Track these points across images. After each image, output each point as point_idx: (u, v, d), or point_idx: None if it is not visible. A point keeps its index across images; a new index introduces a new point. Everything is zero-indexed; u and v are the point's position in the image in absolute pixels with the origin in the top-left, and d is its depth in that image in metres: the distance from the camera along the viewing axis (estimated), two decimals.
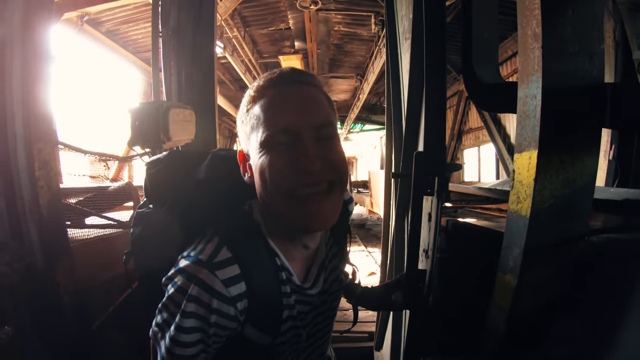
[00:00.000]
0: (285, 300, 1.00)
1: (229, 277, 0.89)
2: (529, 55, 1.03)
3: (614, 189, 2.85)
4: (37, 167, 1.65)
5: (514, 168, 1.09)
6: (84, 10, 6.64)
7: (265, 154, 0.90)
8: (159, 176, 1.16)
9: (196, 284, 0.87)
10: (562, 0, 0.99)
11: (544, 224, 1.01)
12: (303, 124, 0.89)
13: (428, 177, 1.58)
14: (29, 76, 1.66)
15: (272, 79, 0.95)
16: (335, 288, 1.20)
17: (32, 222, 1.63)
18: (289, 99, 0.92)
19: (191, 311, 0.87)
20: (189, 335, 0.88)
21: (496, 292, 1.15)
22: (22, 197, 1.61)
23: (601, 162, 4.25)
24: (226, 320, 0.90)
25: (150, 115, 3.03)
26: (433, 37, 1.69)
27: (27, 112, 1.63)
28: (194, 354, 0.89)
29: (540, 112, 0.98)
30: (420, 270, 1.62)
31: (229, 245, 0.92)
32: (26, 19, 1.67)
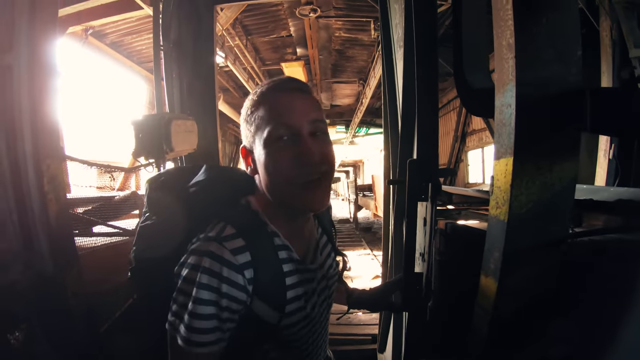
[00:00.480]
0: (289, 280, 1.09)
1: (236, 247, 0.99)
2: (503, 65, 1.07)
3: (614, 188, 2.85)
4: (46, 182, 1.71)
5: (492, 175, 1.13)
6: (88, 24, 6.71)
7: (271, 149, 1.04)
8: (161, 189, 1.24)
9: (208, 256, 0.97)
10: (536, 10, 1.02)
11: (522, 228, 1.05)
12: (301, 121, 1.04)
13: (422, 184, 1.62)
14: (36, 95, 1.71)
15: (273, 86, 1.10)
16: (332, 273, 1.32)
17: (42, 233, 1.70)
18: (290, 102, 1.06)
19: (205, 283, 0.96)
20: (204, 307, 0.96)
21: (479, 295, 1.19)
22: (32, 210, 1.68)
23: (601, 161, 4.24)
24: (235, 290, 0.98)
25: (152, 127, 3.10)
26: (424, 46, 1.73)
27: (35, 130, 1.68)
28: (209, 327, 0.97)
29: (515, 120, 1.01)
30: (416, 274, 1.65)
31: (233, 225, 1.03)
32: (31, 38, 1.72)
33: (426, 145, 1.67)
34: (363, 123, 17.25)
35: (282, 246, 1.10)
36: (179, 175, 1.29)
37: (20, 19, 1.66)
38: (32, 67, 1.67)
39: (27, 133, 1.63)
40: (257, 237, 1.05)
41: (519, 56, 1.01)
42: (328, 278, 1.29)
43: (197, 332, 0.96)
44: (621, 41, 3.94)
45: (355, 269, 7.83)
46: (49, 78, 1.78)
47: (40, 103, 1.69)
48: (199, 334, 0.96)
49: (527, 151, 1.02)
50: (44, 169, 1.68)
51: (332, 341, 4.16)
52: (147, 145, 3.12)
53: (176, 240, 1.11)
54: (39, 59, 1.71)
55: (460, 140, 11.58)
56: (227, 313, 0.99)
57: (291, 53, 10.33)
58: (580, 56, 1.05)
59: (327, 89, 13.47)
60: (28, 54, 1.67)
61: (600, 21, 4.26)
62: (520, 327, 1.11)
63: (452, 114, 12.09)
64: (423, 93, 1.71)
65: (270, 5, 7.64)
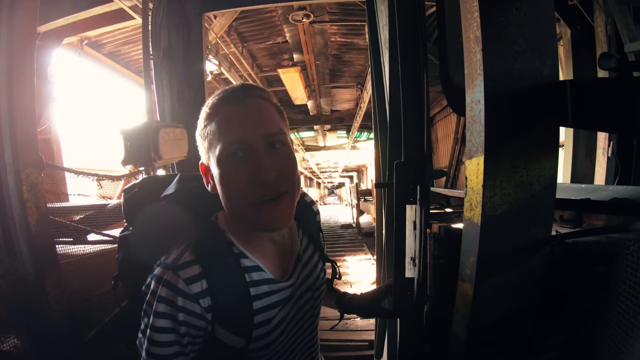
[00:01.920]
0: (258, 303, 1.04)
1: (190, 276, 0.95)
2: (471, 59, 1.02)
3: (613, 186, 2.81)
4: (25, 190, 1.76)
5: (466, 175, 1.09)
6: (84, 35, 6.73)
7: (224, 168, 0.97)
8: (134, 200, 1.23)
9: (164, 285, 0.95)
10: None
11: (498, 231, 1.01)
12: (255, 135, 0.97)
13: (409, 186, 1.59)
14: (15, 105, 1.73)
15: (224, 97, 1.02)
16: (317, 285, 1.26)
17: (23, 239, 1.76)
18: (241, 114, 0.98)
19: (161, 311, 0.94)
20: (162, 335, 0.94)
21: (457, 300, 1.15)
22: (13, 218, 1.73)
23: (600, 159, 4.21)
24: (194, 319, 0.95)
25: (140, 136, 3.11)
26: (407, 45, 1.69)
27: (14, 142, 1.72)
28: (169, 354, 0.95)
29: (484, 116, 0.97)
30: (407, 279, 1.62)
31: (192, 250, 0.99)
32: (9, 49, 1.73)
33: (413, 147, 1.63)
34: (363, 128, 17.22)
35: (252, 267, 1.05)
36: (153, 186, 1.25)
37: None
38: (10, 78, 1.68)
39: (7, 142, 1.65)
40: (219, 261, 1.01)
41: (487, 48, 0.97)
42: (313, 290, 1.24)
43: (156, 358, 0.95)
44: (616, 36, 3.91)
45: (356, 274, 7.80)
46: (27, 88, 1.78)
47: (19, 113, 1.70)
48: (157, 354, 0.95)
49: (500, 149, 0.98)
50: (23, 178, 1.72)
51: (329, 347, 4.17)
52: (135, 154, 3.13)
53: (151, 252, 1.06)
54: (17, 70, 1.72)
55: (460, 142, 11.53)
56: (187, 338, 0.96)
57: (288, 59, 10.31)
58: (556, 47, 1.01)
59: (327, 95, 13.44)
60: (6, 65, 1.68)
61: (594, 17, 4.24)
62: (501, 333, 1.07)
63: (452, 117, 12.04)
64: (409, 94, 1.67)
65: (265, 11, 7.63)
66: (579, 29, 4.56)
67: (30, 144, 1.82)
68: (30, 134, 1.82)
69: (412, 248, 1.72)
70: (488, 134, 0.97)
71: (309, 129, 18.80)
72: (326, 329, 4.52)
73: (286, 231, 1.18)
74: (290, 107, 14.23)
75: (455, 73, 1.64)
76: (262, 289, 1.05)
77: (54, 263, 1.91)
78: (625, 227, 1.25)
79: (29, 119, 1.82)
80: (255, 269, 1.05)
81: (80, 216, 3.49)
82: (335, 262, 1.43)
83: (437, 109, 12.56)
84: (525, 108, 0.99)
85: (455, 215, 2.46)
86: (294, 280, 1.14)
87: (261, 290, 1.05)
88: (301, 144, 21.32)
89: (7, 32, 1.76)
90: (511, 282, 1.04)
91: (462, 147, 11.56)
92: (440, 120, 12.82)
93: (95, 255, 3.12)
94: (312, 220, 1.34)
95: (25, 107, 1.80)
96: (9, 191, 1.71)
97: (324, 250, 1.37)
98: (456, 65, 1.66)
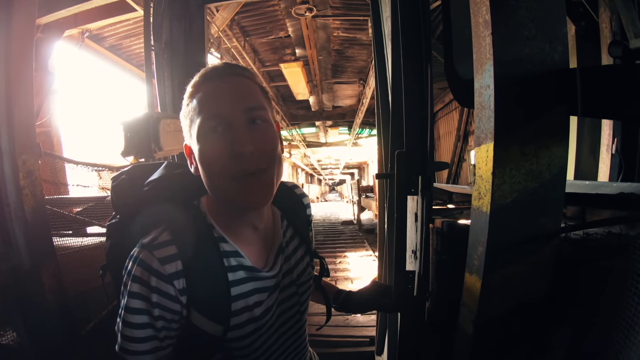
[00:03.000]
0: (236, 289, 1.02)
1: (165, 256, 0.93)
2: (480, 43, 0.99)
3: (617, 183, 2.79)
4: (22, 177, 1.74)
5: (474, 162, 1.06)
6: (85, 27, 6.71)
7: (203, 143, 0.96)
8: (121, 187, 1.19)
9: (138, 265, 0.93)
10: None
11: (507, 221, 0.98)
12: (233, 109, 0.95)
13: (411, 177, 1.56)
14: (12, 93, 1.71)
15: (206, 74, 1.00)
16: (303, 280, 1.23)
17: (18, 227, 1.74)
18: (221, 89, 0.97)
19: (135, 291, 0.92)
20: (135, 316, 0.93)
21: (464, 293, 1.12)
22: (8, 205, 1.71)
23: (604, 156, 4.19)
24: (167, 301, 0.93)
25: (141, 127, 3.09)
26: (410, 35, 1.67)
27: (11, 128, 1.70)
28: (142, 336, 0.93)
29: (494, 102, 0.94)
30: (407, 272, 1.59)
31: (171, 231, 0.98)
32: (7, 38, 1.71)
33: (415, 137, 1.60)
34: (365, 124, 17.22)
35: (231, 252, 1.03)
36: (140, 173, 1.22)
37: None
38: (7, 67, 1.66)
39: (3, 128, 1.63)
40: (197, 244, 0.98)
41: (497, 32, 0.94)
42: (298, 285, 1.21)
43: (131, 341, 0.93)
44: (621, 32, 3.89)
45: (357, 270, 7.79)
46: (25, 76, 1.77)
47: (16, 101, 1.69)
48: (132, 343, 0.93)
49: (510, 135, 0.95)
50: (19, 165, 1.70)
51: (329, 343, 4.15)
52: (135, 145, 3.11)
53: (136, 239, 1.02)
54: (15, 59, 1.70)
55: (462, 139, 11.51)
56: (161, 322, 0.94)
57: (290, 54, 10.29)
58: (566, 33, 0.98)
59: (329, 90, 13.42)
60: (4, 51, 1.66)
61: (599, 13, 4.22)
62: (509, 328, 1.04)
63: (454, 113, 12.03)
64: (411, 84, 1.65)
65: (267, 5, 7.61)
66: (583, 25, 4.53)
67: (27, 130, 1.80)
68: (28, 120, 1.81)
69: (413, 241, 1.69)
70: (498, 120, 0.94)
71: (310, 125, 18.82)
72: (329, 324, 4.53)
73: (269, 220, 1.16)
74: (292, 103, 14.24)
75: (460, 65, 1.62)
76: (239, 274, 1.03)
77: (50, 252, 1.89)
78: (633, 220, 1.23)
79: (26, 105, 1.81)
80: (234, 254, 1.03)
81: (79, 208, 3.47)
82: (324, 259, 1.40)
83: (440, 106, 12.55)
84: (535, 94, 0.96)
85: (458, 211, 2.44)
86: (276, 272, 1.11)
87: (239, 276, 1.03)
88: (302, 140, 21.33)
89: (5, 17, 1.73)
90: (520, 275, 1.01)
91: (464, 144, 11.55)
92: (442, 117, 12.81)
93: (93, 247, 3.09)
94: (301, 214, 1.31)
95: (23, 93, 1.79)
96: (4, 178, 1.70)
97: (312, 245, 1.34)
98: (461, 57, 1.64)
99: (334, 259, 8.92)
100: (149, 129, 3.09)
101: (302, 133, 20.54)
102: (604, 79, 1.10)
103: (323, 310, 1.51)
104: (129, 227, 1.10)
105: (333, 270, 7.87)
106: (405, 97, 1.65)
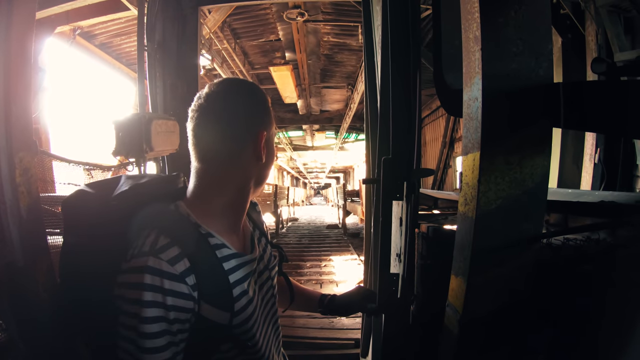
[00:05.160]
0: (233, 277, 1.08)
1: (172, 257, 0.96)
2: (470, 58, 1.05)
3: (599, 192, 2.85)
4: (18, 174, 1.72)
5: (461, 170, 1.11)
6: (77, 24, 6.68)
7: (273, 147, 1.20)
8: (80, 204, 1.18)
9: (147, 272, 0.93)
10: (504, 2, 1.00)
11: (492, 226, 1.03)
12: None
13: (396, 183, 1.61)
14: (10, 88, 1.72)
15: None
16: (271, 265, 1.34)
17: (13, 224, 1.71)
18: None
19: (149, 300, 0.92)
20: (153, 325, 0.92)
21: (449, 294, 1.17)
22: (4, 202, 1.70)
23: (587, 165, 4.27)
24: (182, 300, 0.95)
25: (133, 126, 3.10)
26: (398, 46, 1.72)
27: (8, 124, 1.70)
28: (162, 345, 0.94)
29: (481, 113, 0.99)
30: (391, 274, 1.63)
31: (166, 234, 1.00)
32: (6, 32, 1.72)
33: (401, 143, 1.65)
34: (352, 129, 17.30)
35: (219, 244, 1.08)
36: (98, 190, 1.20)
37: None
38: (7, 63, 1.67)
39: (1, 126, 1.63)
40: (192, 241, 1.03)
41: (486, 48, 0.99)
42: (270, 269, 1.31)
43: (152, 352, 0.93)
44: (607, 46, 3.99)
45: (342, 274, 7.80)
46: (22, 72, 1.77)
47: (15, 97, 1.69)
48: (153, 354, 0.93)
49: (495, 145, 1.00)
50: (16, 162, 1.70)
51: (315, 345, 4.17)
52: (127, 144, 3.12)
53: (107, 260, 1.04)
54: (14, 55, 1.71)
55: (448, 146, 11.63)
56: (177, 325, 0.96)
57: (280, 57, 10.33)
58: (551, 50, 1.03)
59: (317, 94, 13.47)
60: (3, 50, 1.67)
61: (585, 26, 4.31)
62: (492, 328, 1.09)
63: (441, 120, 12.14)
64: (398, 91, 1.70)
65: (259, 8, 7.65)
66: (570, 37, 4.63)
67: (24, 127, 1.79)
68: (25, 117, 1.80)
69: (397, 244, 1.74)
70: (484, 131, 0.99)
71: (297, 128, 18.84)
72: (315, 327, 4.57)
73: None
74: (280, 106, 14.24)
75: (449, 74, 1.67)
76: (231, 263, 1.09)
77: (44, 250, 1.88)
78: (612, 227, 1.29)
79: (24, 103, 1.80)
80: (222, 246, 1.09)
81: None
82: (281, 248, 1.45)
83: (427, 112, 12.65)
84: (520, 107, 1.01)
85: (443, 217, 2.48)
86: (256, 255, 1.21)
87: (232, 264, 1.09)
88: (289, 143, 21.33)
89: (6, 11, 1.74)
90: (503, 277, 1.06)
91: (450, 151, 11.66)
92: (429, 124, 12.92)
93: None
94: (255, 209, 1.42)
95: (21, 90, 1.78)
96: (1, 175, 1.69)
97: (269, 237, 1.43)
98: (450, 66, 1.69)
99: (319, 262, 8.91)
100: (140, 128, 3.10)
101: (288, 136, 20.56)
102: (585, 93, 1.16)
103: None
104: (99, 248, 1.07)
105: (318, 273, 7.88)
106: (392, 105, 1.70)
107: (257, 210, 1.43)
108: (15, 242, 1.69)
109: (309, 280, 7.23)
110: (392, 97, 1.70)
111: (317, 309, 1.56)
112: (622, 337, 0.96)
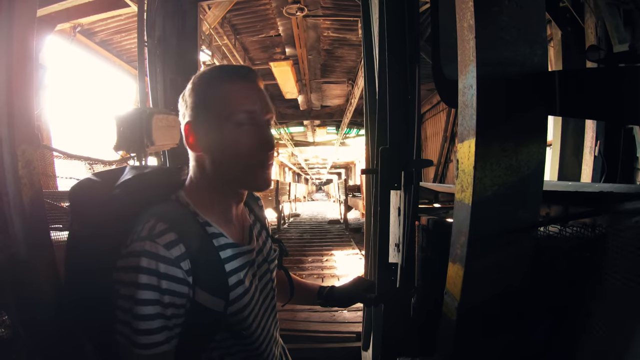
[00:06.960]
0: (229, 265, 1.11)
1: (168, 242, 0.99)
2: (465, 46, 1.05)
3: (599, 184, 2.84)
4: (21, 166, 1.73)
5: (457, 158, 1.12)
6: (77, 22, 6.68)
7: (232, 132, 1.08)
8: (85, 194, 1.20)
9: (144, 256, 0.97)
10: None
11: (488, 212, 1.03)
12: (264, 113, 1.12)
13: (394, 172, 1.62)
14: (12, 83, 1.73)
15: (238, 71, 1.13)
16: (270, 258, 1.35)
17: (16, 216, 1.71)
18: (251, 90, 1.12)
19: (145, 282, 0.95)
20: (147, 307, 0.95)
21: (447, 282, 1.17)
22: (7, 194, 1.69)
23: (587, 158, 4.27)
24: (176, 285, 0.98)
25: (134, 121, 3.12)
26: (396, 39, 1.73)
27: (11, 117, 1.70)
28: (156, 327, 0.96)
29: (476, 101, 1.00)
30: (390, 264, 1.65)
31: (164, 220, 1.03)
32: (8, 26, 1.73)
33: (398, 134, 1.67)
34: (353, 124, 17.26)
35: (217, 234, 1.12)
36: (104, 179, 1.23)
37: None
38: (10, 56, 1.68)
39: (3, 117, 1.64)
40: (190, 228, 1.06)
41: (480, 36, 1.00)
42: (269, 262, 1.33)
43: (145, 334, 0.96)
44: (606, 38, 3.98)
45: (343, 268, 7.82)
46: (25, 66, 1.78)
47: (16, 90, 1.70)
48: (147, 336, 0.96)
49: (490, 132, 1.01)
50: (19, 154, 1.70)
51: (316, 339, 4.18)
52: (128, 139, 3.14)
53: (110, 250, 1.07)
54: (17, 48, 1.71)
55: (449, 140, 11.59)
56: (171, 309, 0.99)
57: (280, 52, 10.30)
58: (546, 38, 1.04)
59: (317, 90, 13.43)
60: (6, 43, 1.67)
61: (585, 19, 4.30)
62: (490, 314, 1.10)
63: (442, 115, 12.09)
64: (396, 85, 1.71)
65: (258, 4, 7.64)
66: (569, 30, 4.62)
67: (27, 120, 1.80)
68: (28, 110, 1.81)
69: (396, 234, 1.75)
70: (479, 118, 1.00)
71: (298, 124, 18.80)
72: (316, 320, 4.58)
73: (241, 207, 1.28)
74: (280, 102, 14.21)
75: (447, 67, 1.68)
76: (228, 252, 1.12)
77: (46, 243, 1.88)
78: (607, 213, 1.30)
79: (26, 96, 1.81)
80: (219, 235, 1.12)
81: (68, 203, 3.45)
82: (282, 242, 1.48)
83: (427, 107, 12.60)
84: (515, 94, 1.02)
85: (444, 210, 2.49)
86: (254, 247, 1.24)
87: (228, 254, 1.12)
88: (290, 139, 21.31)
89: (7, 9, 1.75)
90: (500, 263, 1.07)
91: (451, 145, 11.62)
92: (430, 118, 12.87)
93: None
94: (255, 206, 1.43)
95: (24, 83, 1.79)
96: (4, 166, 1.68)
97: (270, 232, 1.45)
98: (448, 59, 1.70)
99: (320, 257, 8.94)
100: (141, 123, 3.12)
101: (290, 132, 20.52)
102: (581, 80, 1.16)
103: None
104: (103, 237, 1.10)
105: (320, 268, 7.92)
106: (389, 97, 1.71)
107: (259, 204, 1.46)
108: (18, 234, 1.70)
109: (310, 275, 7.26)
110: (389, 90, 1.71)
111: (317, 301, 1.58)
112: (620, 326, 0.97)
